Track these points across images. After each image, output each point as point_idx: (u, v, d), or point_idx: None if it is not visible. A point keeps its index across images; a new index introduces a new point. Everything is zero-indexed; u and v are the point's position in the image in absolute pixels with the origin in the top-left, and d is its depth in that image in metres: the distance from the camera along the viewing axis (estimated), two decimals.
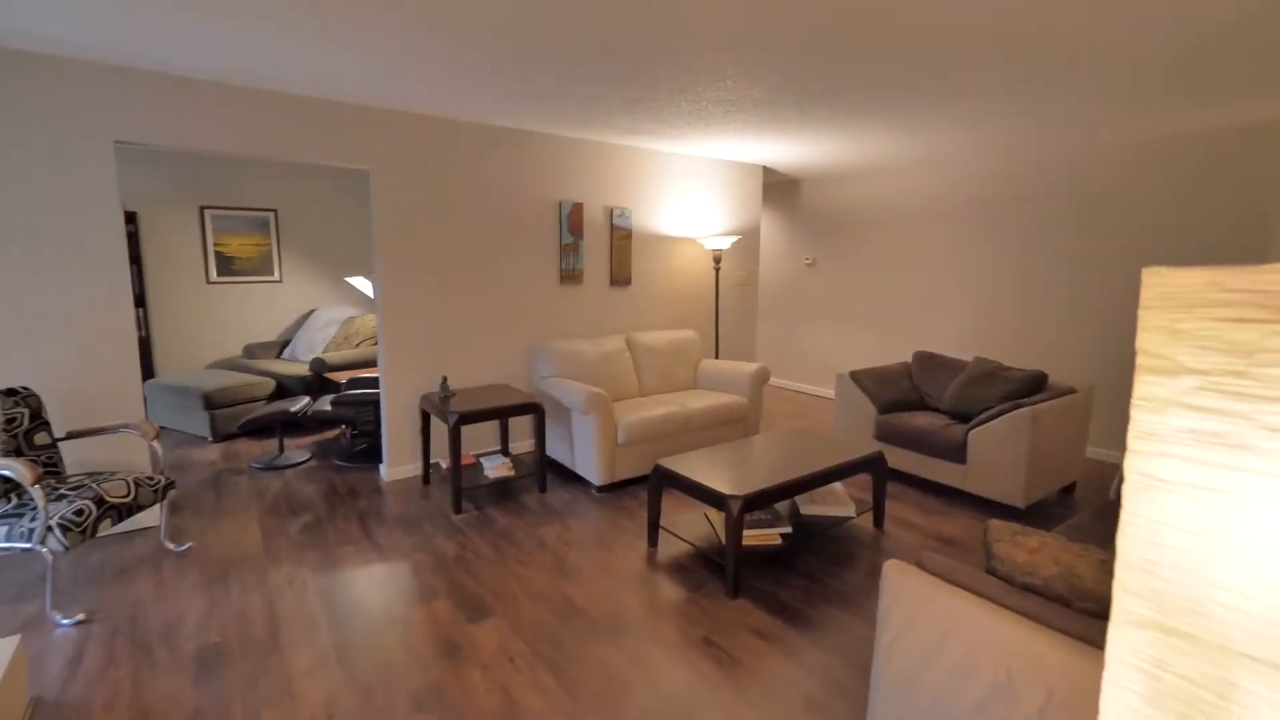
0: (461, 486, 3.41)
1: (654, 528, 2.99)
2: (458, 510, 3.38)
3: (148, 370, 5.32)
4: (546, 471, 4.00)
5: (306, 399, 4.30)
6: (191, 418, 4.72)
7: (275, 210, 5.93)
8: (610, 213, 4.58)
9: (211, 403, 4.59)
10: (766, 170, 5.80)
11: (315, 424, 5.12)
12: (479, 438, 4.22)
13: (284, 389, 5.06)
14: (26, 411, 2.66)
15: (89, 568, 2.75)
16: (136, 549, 2.93)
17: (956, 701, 1.36)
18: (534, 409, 3.59)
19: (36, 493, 2.26)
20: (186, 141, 3.09)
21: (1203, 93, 3.13)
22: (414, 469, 3.95)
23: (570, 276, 4.45)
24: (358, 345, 5.52)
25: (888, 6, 2.13)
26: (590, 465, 3.64)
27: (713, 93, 3.21)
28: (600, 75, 2.92)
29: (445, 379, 3.66)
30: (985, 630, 1.32)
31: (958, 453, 3.56)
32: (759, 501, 2.60)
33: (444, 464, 3.92)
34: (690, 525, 2.99)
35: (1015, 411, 3.32)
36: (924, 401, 4.24)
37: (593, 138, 4.38)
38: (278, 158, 3.35)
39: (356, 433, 4.29)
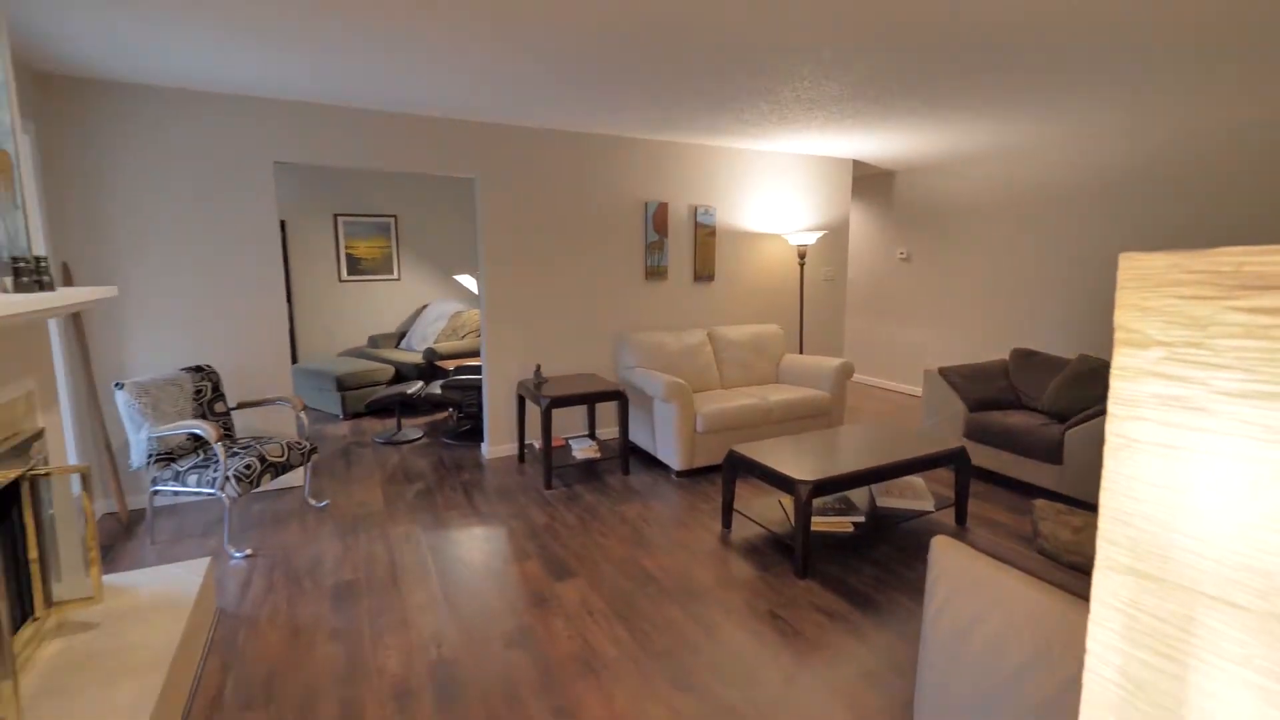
0: (552, 465, 3.73)
1: (728, 510, 3.15)
2: (548, 486, 3.70)
3: (292, 356, 6.13)
4: (629, 455, 4.25)
5: (420, 383, 4.81)
6: (326, 398, 5.40)
7: (395, 216, 6.61)
8: (694, 211, 4.76)
9: (342, 385, 5.23)
10: (857, 163, 5.74)
11: (427, 406, 5.68)
12: (569, 422, 4.55)
13: (401, 374, 5.66)
14: (210, 385, 3.24)
15: (251, 515, 3.31)
16: (286, 503, 3.47)
17: (997, 668, 1.44)
18: (618, 396, 3.85)
19: (219, 449, 2.79)
20: (328, 159, 3.61)
21: None
22: (511, 448, 4.33)
23: (655, 273, 4.68)
24: (464, 337, 6.05)
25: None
26: (670, 451, 3.84)
27: (790, 92, 3.31)
28: (679, 83, 3.11)
29: (539, 367, 4.00)
30: (1025, 602, 1.39)
31: (1053, 453, 3.44)
32: (828, 488, 2.70)
33: (537, 444, 4.28)
34: (763, 510, 3.12)
35: None
36: (1020, 400, 4.09)
37: (677, 139, 4.58)
38: (399, 169, 3.81)
39: (462, 414, 4.75)
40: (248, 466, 2.89)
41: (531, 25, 2.36)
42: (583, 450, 3.94)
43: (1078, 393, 3.70)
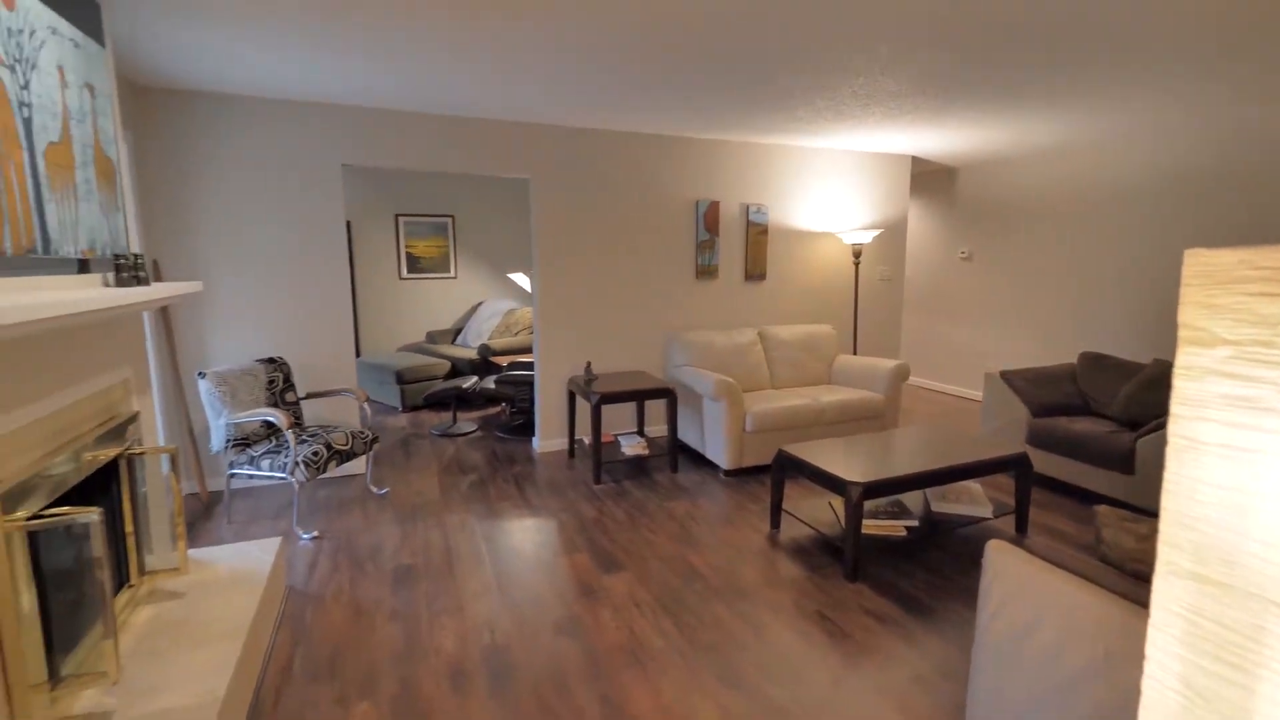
0: (601, 461, 3.78)
1: (776, 510, 3.12)
2: (598, 481, 3.76)
3: (355, 350, 6.41)
4: (678, 453, 4.26)
5: (475, 378, 4.96)
6: (387, 390, 5.63)
7: (453, 216, 6.82)
8: (746, 209, 4.73)
9: (402, 379, 5.44)
10: (917, 159, 5.58)
11: (481, 400, 5.84)
12: (618, 419, 4.60)
13: (457, 369, 5.84)
14: (281, 375, 3.44)
15: (318, 499, 3.49)
16: (349, 489, 3.64)
17: (1053, 674, 1.39)
18: (667, 394, 3.87)
19: (290, 435, 2.96)
20: (390, 161, 3.77)
21: None
22: (561, 443, 4.42)
23: (705, 272, 4.68)
24: (517, 333, 6.19)
25: None
26: (719, 450, 3.84)
27: (847, 88, 3.25)
28: (732, 82, 3.10)
29: (589, 364, 4.06)
30: (1085, 608, 1.35)
31: (1123, 462, 3.27)
32: (881, 490, 2.65)
33: (586, 440, 4.34)
34: (813, 511, 3.08)
35: None
36: (1088, 406, 3.91)
37: (729, 138, 4.56)
38: (456, 170, 3.94)
39: (514, 409, 4.87)
40: (315, 453, 3.05)
41: (586, 28, 2.41)
42: (631, 447, 3.98)
43: (1152, 399, 3.50)
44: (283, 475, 2.99)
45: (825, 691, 1.97)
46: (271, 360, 3.43)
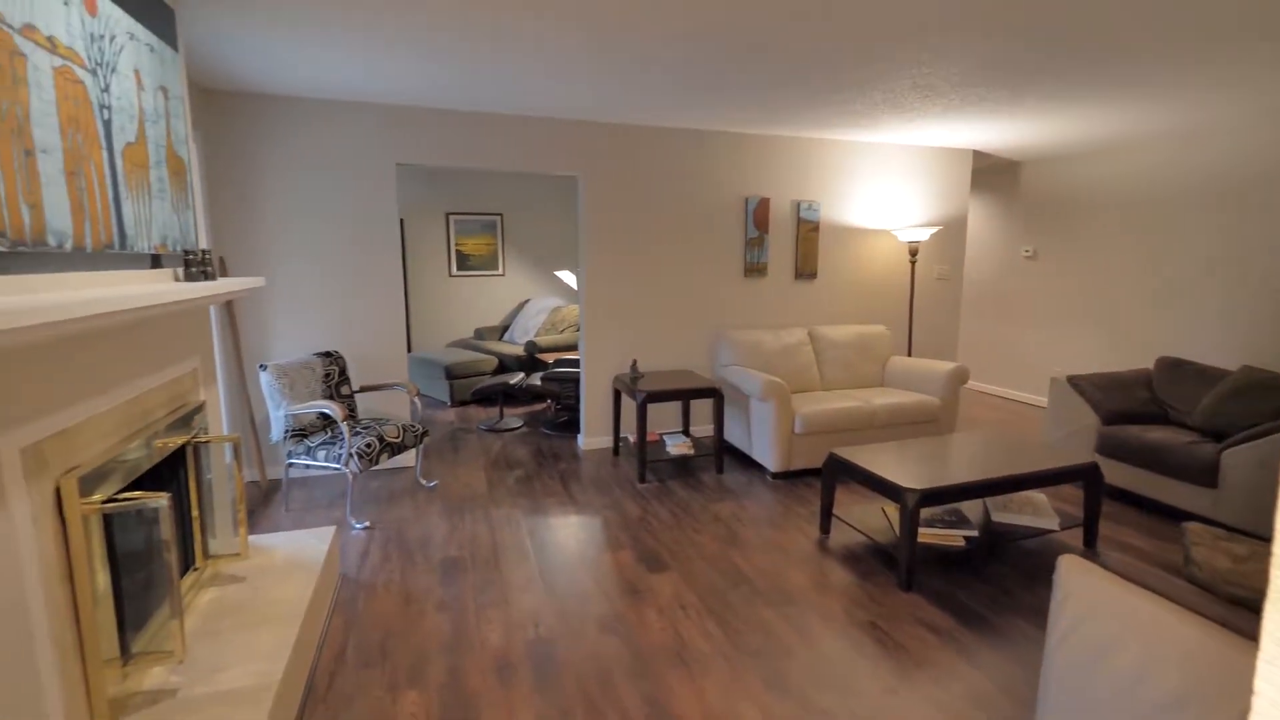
0: (646, 459, 3.76)
1: (826, 514, 3.04)
2: (642, 479, 3.74)
3: (407, 345, 6.58)
4: (724, 454, 4.20)
5: (521, 374, 5.02)
6: (436, 385, 5.75)
7: (501, 214, 6.92)
8: (797, 206, 4.63)
9: (451, 374, 5.55)
10: (978, 154, 5.35)
11: (527, 396, 5.91)
12: (663, 417, 4.57)
13: (504, 366, 5.92)
14: (337, 369, 3.55)
15: (370, 490, 3.59)
16: (400, 481, 3.73)
17: (1134, 704, 1.29)
18: (714, 394, 3.82)
19: (344, 427, 3.04)
20: (443, 159, 3.84)
21: None
22: (606, 440, 4.42)
23: (754, 270, 4.60)
24: (563, 331, 6.23)
25: None
26: (766, 452, 3.77)
27: (907, 79, 3.13)
28: (784, 77, 3.02)
29: (635, 362, 4.05)
30: (1172, 634, 1.24)
31: (1206, 475, 3.05)
32: (938, 498, 2.54)
33: (631, 438, 4.33)
34: (865, 517, 2.98)
35: None
36: (1165, 414, 3.66)
37: (780, 133, 4.47)
38: (505, 168, 3.98)
39: (560, 406, 4.90)
40: (368, 445, 3.13)
41: (636, 28, 2.39)
42: (677, 446, 3.94)
43: (1240, 408, 3.25)
44: (338, 466, 3.08)
45: (877, 702, 1.89)
46: (328, 354, 3.54)
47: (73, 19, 1.42)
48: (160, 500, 1.53)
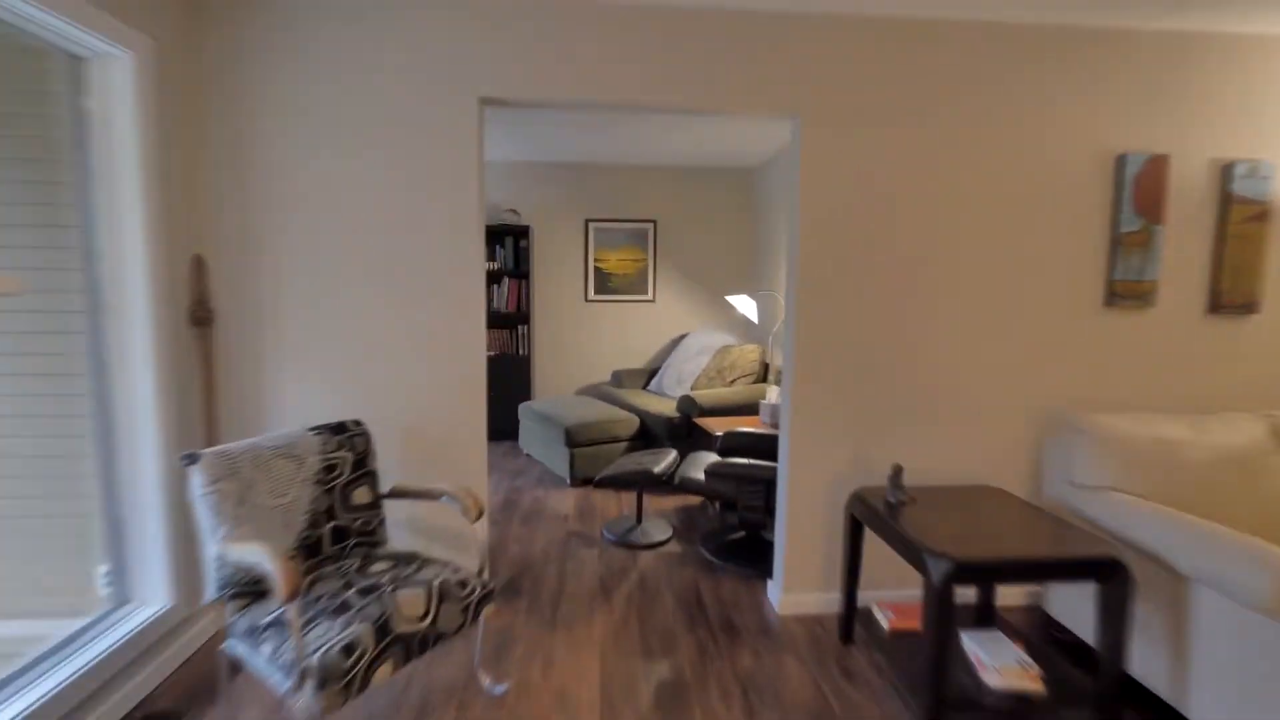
0: (940, 692, 1.70)
1: None
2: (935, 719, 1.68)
3: (525, 391, 5.07)
4: (1120, 698, 1.96)
5: (673, 455, 3.19)
6: (554, 452, 4.12)
7: (654, 221, 5.26)
8: (1226, 171, 2.36)
9: (572, 439, 3.88)
10: None
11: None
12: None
13: (647, 430, 4.14)
14: (350, 457, 1.95)
15: (376, 697, 1.91)
16: (442, 673, 2.02)
17: None
18: (1110, 569, 1.68)
19: (291, 614, 1.37)
20: (560, 92, 2.16)
21: None
22: (825, 602, 2.41)
23: (1127, 292, 2.38)
24: (732, 382, 4.34)
25: None
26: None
27: None
28: None
29: (899, 470, 2.03)
30: None
31: None
32: None
33: (888, 619, 2.23)
34: None
35: None
36: None
37: (1195, 26, 2.26)
38: (669, 106, 2.22)
39: (740, 520, 2.98)
40: (348, 649, 1.44)
41: None
42: (1002, 671, 1.83)
43: None
44: (286, 683, 1.42)
45: None
46: (338, 428, 1.96)
47: None
48: None
